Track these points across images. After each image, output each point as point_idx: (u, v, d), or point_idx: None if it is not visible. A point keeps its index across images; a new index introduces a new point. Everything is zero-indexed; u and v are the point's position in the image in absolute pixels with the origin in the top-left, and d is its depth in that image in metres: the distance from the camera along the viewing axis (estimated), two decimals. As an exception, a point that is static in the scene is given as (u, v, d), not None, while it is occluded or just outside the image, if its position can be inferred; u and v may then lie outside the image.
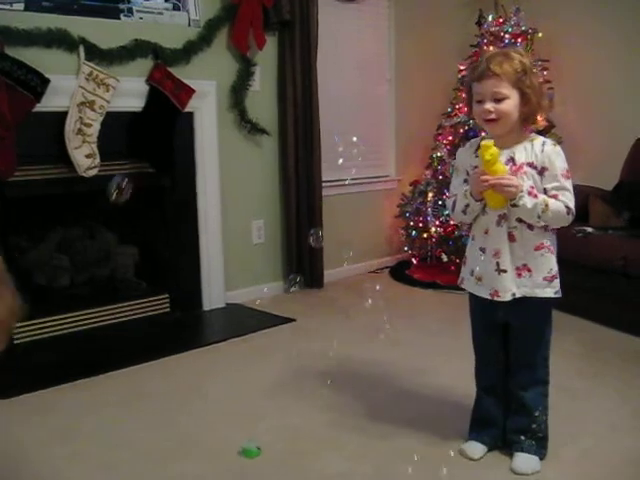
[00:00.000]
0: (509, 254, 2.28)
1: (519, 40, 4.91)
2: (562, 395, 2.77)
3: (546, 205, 2.19)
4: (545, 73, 4.93)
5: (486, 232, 2.32)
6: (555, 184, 2.23)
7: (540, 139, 2.29)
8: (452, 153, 4.86)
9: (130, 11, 3.96)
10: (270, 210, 4.64)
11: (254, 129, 4.41)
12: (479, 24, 5.08)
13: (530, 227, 2.26)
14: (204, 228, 4.23)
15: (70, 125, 3.59)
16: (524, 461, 2.40)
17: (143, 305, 4.09)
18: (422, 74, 5.37)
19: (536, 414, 2.41)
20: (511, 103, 2.20)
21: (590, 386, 3.10)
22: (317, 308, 4.36)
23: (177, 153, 4.04)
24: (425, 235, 4.97)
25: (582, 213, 4.28)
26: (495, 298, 2.29)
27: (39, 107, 3.49)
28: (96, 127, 3.68)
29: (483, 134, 2.50)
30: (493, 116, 2.21)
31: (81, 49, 3.62)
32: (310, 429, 2.73)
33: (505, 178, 2.17)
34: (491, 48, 4.89)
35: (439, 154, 5.00)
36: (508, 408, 2.48)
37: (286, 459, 2.49)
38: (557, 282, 2.31)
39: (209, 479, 2.37)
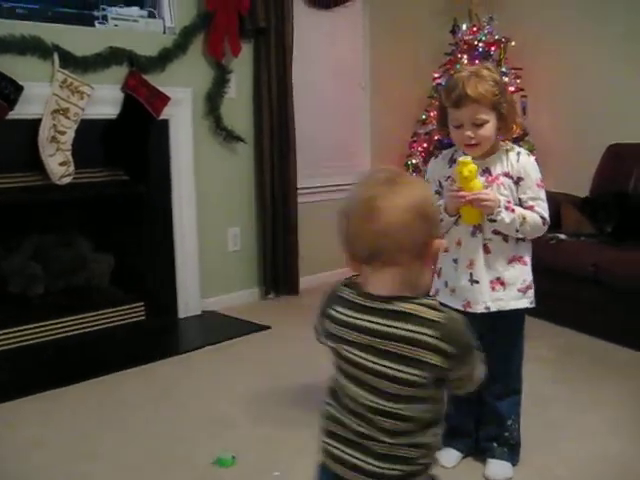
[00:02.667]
0: (483, 266, 2.28)
1: (492, 48, 4.96)
2: (535, 401, 2.79)
3: (524, 218, 2.20)
4: (518, 81, 4.99)
5: (458, 243, 2.32)
6: (530, 194, 2.25)
7: (515, 149, 2.30)
8: (427, 160, 4.87)
9: (105, 18, 3.95)
10: (246, 217, 4.64)
11: (229, 136, 4.42)
12: (453, 33, 5.11)
13: (505, 239, 2.27)
14: (180, 235, 4.23)
15: (44, 133, 3.57)
16: (497, 467, 2.43)
17: (118, 313, 4.08)
18: (397, 81, 5.41)
19: (509, 422, 2.44)
20: (490, 126, 2.19)
21: (562, 392, 3.14)
22: (292, 315, 4.36)
23: (152, 161, 4.03)
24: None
25: (554, 220, 4.33)
26: (467, 309, 2.27)
27: (12, 114, 3.47)
28: (70, 135, 3.66)
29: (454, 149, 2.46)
30: (474, 141, 2.20)
31: (55, 56, 3.61)
32: (285, 437, 2.74)
33: (483, 194, 2.17)
34: (465, 57, 4.96)
35: (414, 161, 5.03)
36: (479, 416, 2.50)
37: (261, 468, 2.50)
38: (531, 292, 2.34)
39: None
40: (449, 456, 2.48)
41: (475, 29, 5.02)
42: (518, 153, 2.28)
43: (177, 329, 4.22)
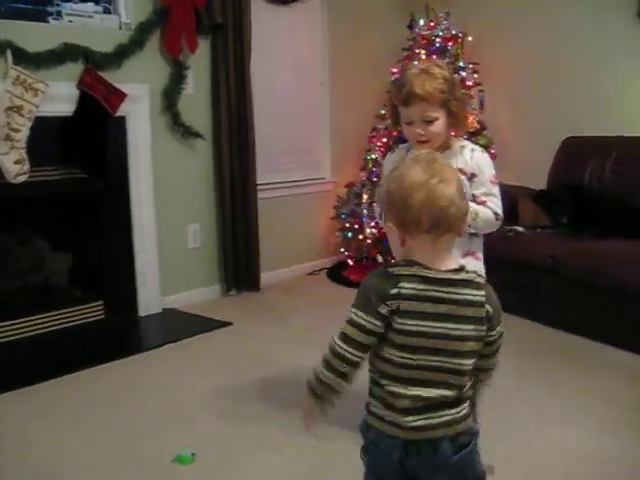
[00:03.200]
0: None
1: (450, 43, 5.00)
2: (492, 393, 2.83)
3: (476, 214, 2.23)
4: (476, 76, 5.04)
5: None
6: (484, 190, 2.28)
7: (469, 146, 2.33)
8: (386, 155, 4.92)
9: (59, 14, 3.90)
10: (205, 214, 4.62)
11: (187, 133, 4.39)
12: (411, 28, 5.15)
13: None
14: (139, 233, 4.19)
15: (-3, 131, 3.53)
16: None
17: (78, 312, 4.04)
18: (356, 77, 5.42)
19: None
20: (440, 123, 2.23)
21: (519, 382, 3.19)
22: (254, 311, 4.36)
23: (110, 158, 4.00)
24: (361, 236, 5.02)
25: (512, 213, 4.39)
26: None
27: (-35, 113, 3.42)
28: (25, 132, 3.61)
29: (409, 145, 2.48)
30: (424, 138, 2.24)
31: (8, 53, 3.55)
32: (246, 433, 2.74)
33: None
34: (423, 52, 4.99)
35: (373, 156, 5.05)
36: None
37: (221, 465, 2.50)
38: None
39: (144, 487, 2.37)
40: None
41: (432, 24, 5.06)
42: (472, 150, 2.31)
43: (137, 327, 4.18)
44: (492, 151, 5.00)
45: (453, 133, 2.35)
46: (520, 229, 4.16)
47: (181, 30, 4.21)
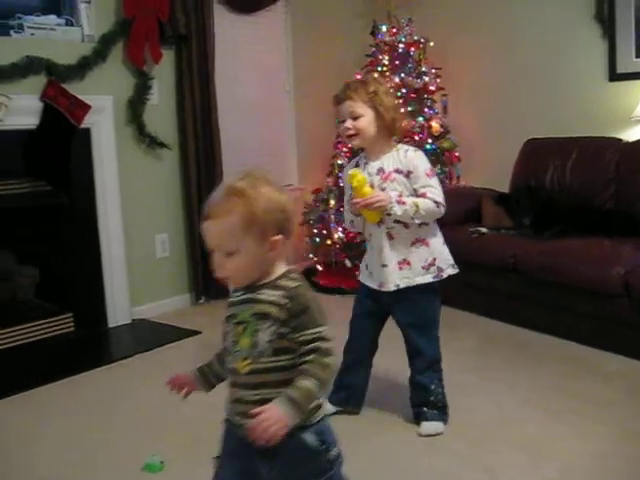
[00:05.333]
0: (389, 251, 2.63)
1: (412, 49, 5.07)
2: (453, 390, 2.89)
3: (417, 206, 2.52)
4: (438, 80, 5.11)
5: (370, 234, 2.69)
6: (421, 183, 2.57)
7: (404, 148, 2.63)
8: (351, 160, 4.97)
9: (21, 27, 3.90)
10: (173, 223, 4.64)
11: (153, 143, 4.41)
12: (373, 34, 5.21)
13: (406, 226, 2.60)
14: (106, 244, 4.20)
15: (-39, 145, 3.53)
16: (428, 426, 2.71)
17: (47, 325, 4.03)
18: (320, 83, 5.45)
19: (432, 387, 2.71)
20: (366, 120, 2.55)
21: (481, 379, 3.25)
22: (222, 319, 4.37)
23: (74, 170, 4.01)
24: (329, 242, 5.06)
25: (476, 215, 4.47)
26: (382, 289, 2.66)
27: None
28: (-12, 146, 3.62)
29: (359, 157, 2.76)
30: (352, 132, 2.57)
31: (-30, 67, 3.56)
32: (213, 442, 2.76)
33: (374, 197, 2.49)
34: (386, 57, 5.05)
35: (339, 162, 5.09)
36: (367, 378, 2.88)
37: (189, 472, 2.52)
38: (434, 268, 2.66)
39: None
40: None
41: (395, 30, 5.12)
42: (406, 150, 2.61)
43: (107, 338, 4.18)
44: (456, 154, 5.08)
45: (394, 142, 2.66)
46: (484, 230, 4.22)
47: (144, 41, 4.23)
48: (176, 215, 4.64)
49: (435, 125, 5.02)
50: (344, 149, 5.11)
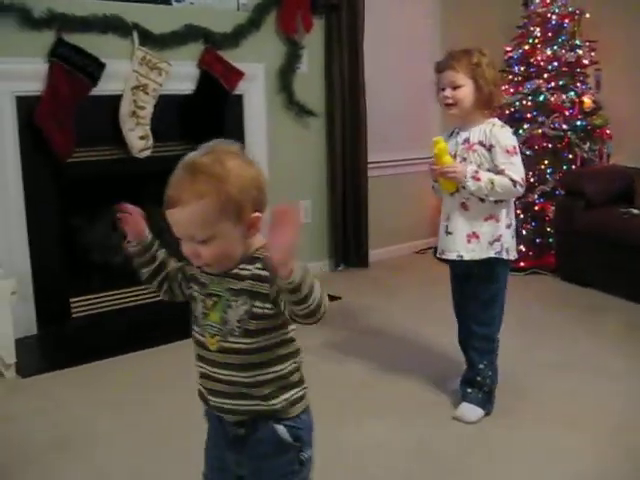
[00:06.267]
0: (460, 221, 2.61)
1: (566, 21, 4.89)
2: (596, 373, 2.82)
3: (492, 183, 2.50)
4: (593, 54, 4.91)
5: (444, 201, 2.71)
6: (502, 160, 2.53)
7: (492, 122, 2.60)
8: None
9: (182, -3, 4.07)
10: (317, 191, 4.74)
11: (301, 111, 4.50)
12: (526, 5, 5.06)
13: (482, 200, 2.57)
14: (253, 208, 4.33)
15: (125, 108, 3.73)
16: (465, 409, 2.65)
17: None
18: (469, 55, 5.38)
19: (480, 366, 2.65)
20: (466, 90, 2.55)
21: (626, 365, 3.15)
22: (362, 287, 4.45)
23: (227, 135, 4.12)
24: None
25: (628, 195, 4.30)
26: (442, 256, 2.69)
27: (95, 91, 3.64)
28: (149, 110, 3.80)
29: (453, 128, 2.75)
30: (450, 101, 2.58)
31: (135, 34, 3.75)
32: (350, 399, 2.84)
33: (449, 168, 2.53)
34: (537, 29, 4.90)
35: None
36: None
37: (329, 428, 2.60)
38: (498, 244, 2.60)
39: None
40: (455, 383, 2.82)
41: (548, 1, 4.94)
42: (493, 125, 2.59)
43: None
44: (608, 131, 4.88)
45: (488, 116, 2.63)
46: (636, 211, 4.06)
47: (297, 10, 4.31)
48: (320, 183, 4.73)
49: (587, 101, 4.84)
50: (490, 122, 5.01)
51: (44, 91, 3.50)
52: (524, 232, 4.59)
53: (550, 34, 4.91)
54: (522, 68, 4.93)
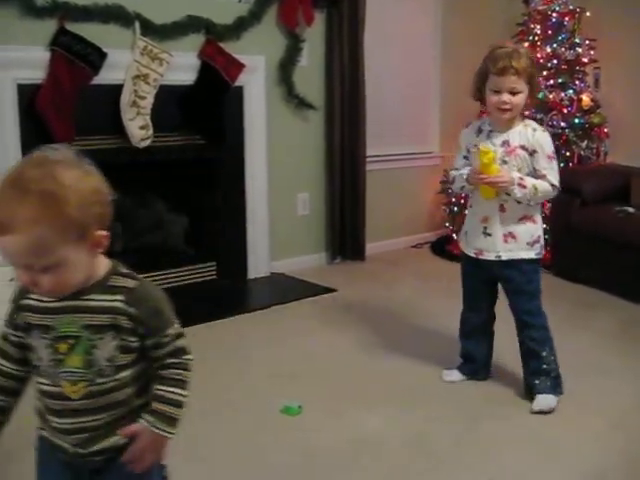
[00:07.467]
0: (498, 222, 2.66)
1: (566, 19, 4.91)
2: (590, 369, 2.86)
3: (535, 189, 2.57)
4: (592, 52, 4.94)
5: (478, 202, 2.71)
6: (543, 165, 2.60)
7: (532, 125, 2.64)
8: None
9: (183, -13, 4.08)
10: (315, 183, 4.76)
11: (301, 104, 4.52)
12: (526, 2, 5.08)
13: (518, 201, 2.61)
14: (251, 199, 4.38)
15: (125, 97, 3.74)
16: (541, 401, 2.70)
17: (191, 272, 4.27)
18: (468, 51, 5.35)
19: (544, 354, 2.71)
20: (523, 97, 2.56)
21: (621, 362, 3.17)
22: (358, 280, 4.48)
23: (226, 126, 4.17)
24: (466, 211, 5.03)
25: (623, 193, 4.33)
26: (479, 257, 2.72)
27: (96, 80, 3.65)
28: (150, 100, 3.82)
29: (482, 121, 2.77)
30: (508, 107, 2.55)
31: (136, 24, 3.76)
32: (347, 390, 2.87)
33: (499, 177, 2.55)
34: (538, 26, 4.92)
35: (483, 131, 5.03)
36: (489, 347, 2.94)
37: (325, 417, 2.64)
38: (538, 246, 2.70)
39: (253, 433, 2.53)
40: (452, 375, 2.97)
41: (549, -1, 4.97)
42: (534, 129, 2.62)
43: (246, 289, 4.39)
44: (605, 130, 4.91)
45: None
46: (631, 210, 4.09)
47: (298, 3, 4.32)
48: (318, 175, 4.76)
49: (585, 99, 4.87)
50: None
51: (45, 79, 3.51)
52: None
53: (550, 32, 4.93)
54: (522, 65, 4.94)
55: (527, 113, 2.90)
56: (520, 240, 2.66)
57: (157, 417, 1.34)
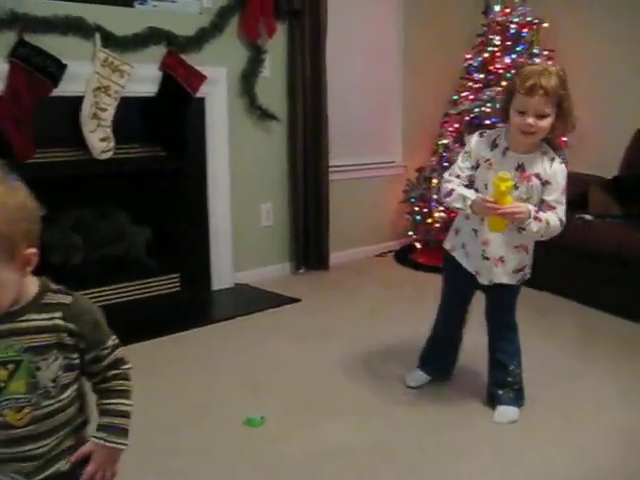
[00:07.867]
0: (496, 246, 2.60)
1: (525, 30, 4.99)
2: (552, 373, 2.90)
3: (547, 224, 2.47)
4: (550, 63, 5.00)
5: (482, 219, 2.58)
6: (554, 197, 2.50)
7: (550, 154, 2.52)
8: (457, 140, 4.96)
9: (144, -1, 4.07)
10: (278, 194, 4.77)
11: (264, 115, 4.53)
12: (486, 13, 5.16)
13: (519, 230, 2.51)
14: (214, 210, 4.37)
15: (86, 109, 3.71)
16: (503, 412, 2.72)
17: (154, 284, 4.24)
18: (430, 62, 5.46)
19: (511, 368, 2.73)
20: (549, 121, 2.41)
21: (582, 365, 3.23)
22: (322, 289, 4.49)
23: (188, 138, 4.16)
24: (429, 220, 5.07)
25: (582, 201, 4.40)
26: (477, 277, 2.68)
27: (56, 92, 3.62)
28: (111, 112, 3.80)
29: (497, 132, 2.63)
30: (533, 129, 2.41)
31: (97, 36, 3.73)
32: (310, 401, 2.87)
33: (514, 209, 2.41)
34: (497, 38, 5.00)
35: (445, 141, 5.08)
36: (456, 351, 2.96)
37: (288, 429, 2.64)
38: (521, 274, 2.68)
39: (216, 446, 2.52)
40: (416, 376, 2.98)
41: (507, 10, 5.05)
42: (552, 158, 2.51)
43: (211, 300, 4.37)
44: (564, 139, 4.98)
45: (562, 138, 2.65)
46: (589, 217, 4.16)
47: (259, 15, 4.33)
48: (282, 186, 4.76)
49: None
50: (450, 129, 5.10)
51: (3, 91, 3.48)
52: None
53: (509, 42, 5.01)
54: (482, 75, 5.02)
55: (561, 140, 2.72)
56: (507, 266, 2.62)
57: (109, 432, 1.34)
